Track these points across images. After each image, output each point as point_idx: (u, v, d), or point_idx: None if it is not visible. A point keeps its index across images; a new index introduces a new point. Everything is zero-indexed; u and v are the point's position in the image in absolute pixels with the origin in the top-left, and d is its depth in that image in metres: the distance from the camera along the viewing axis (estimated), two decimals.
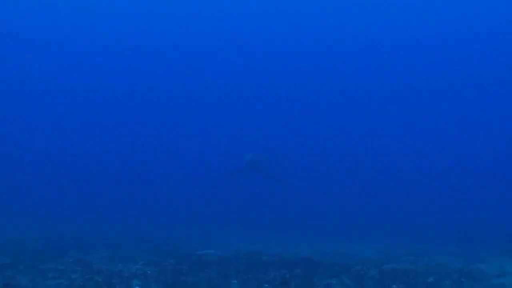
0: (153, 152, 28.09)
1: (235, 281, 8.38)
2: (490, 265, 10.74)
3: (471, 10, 29.72)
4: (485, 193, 21.14)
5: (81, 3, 31.60)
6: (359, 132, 29.10)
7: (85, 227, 15.25)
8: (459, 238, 14.85)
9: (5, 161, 25.33)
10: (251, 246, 13.10)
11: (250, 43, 32.38)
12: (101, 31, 32.87)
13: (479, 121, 29.89)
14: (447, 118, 30.33)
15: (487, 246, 13.33)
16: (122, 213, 18.23)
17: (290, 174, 24.09)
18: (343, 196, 21.38)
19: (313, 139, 25.74)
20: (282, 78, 32.42)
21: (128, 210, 18.72)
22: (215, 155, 28.06)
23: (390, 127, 29.62)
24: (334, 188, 22.67)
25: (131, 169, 25.13)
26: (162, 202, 20.47)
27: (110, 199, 20.18)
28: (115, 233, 14.32)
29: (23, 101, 30.99)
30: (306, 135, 28.31)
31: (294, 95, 31.74)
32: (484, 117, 29.92)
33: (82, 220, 16.83)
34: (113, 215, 17.94)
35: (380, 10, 30.59)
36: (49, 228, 14.93)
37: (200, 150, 28.12)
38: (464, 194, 21.41)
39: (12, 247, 11.35)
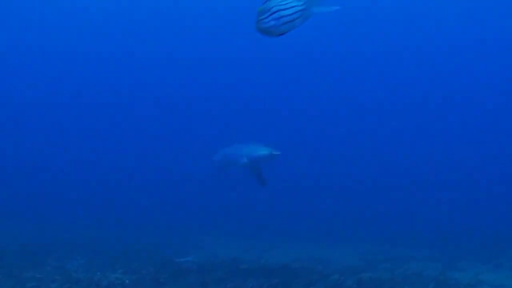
0: (130, 157, 28.01)
1: None
2: (466, 273, 10.89)
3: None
4: (462, 198, 21.31)
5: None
6: (337, 134, 29.28)
7: (65, 234, 15.18)
8: (436, 244, 14.94)
9: None
10: (229, 252, 13.13)
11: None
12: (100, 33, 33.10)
13: (455, 125, 30.29)
14: (425, 122, 30.67)
15: (464, 253, 13.43)
16: (101, 219, 18.15)
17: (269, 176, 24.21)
18: (321, 200, 21.44)
19: (290, 139, 25.65)
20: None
21: (107, 216, 18.62)
22: (191, 160, 28.22)
23: (369, 130, 29.87)
24: (313, 192, 22.74)
25: (109, 175, 25.00)
26: (140, 207, 20.39)
27: (90, 205, 20.08)
28: (94, 239, 14.28)
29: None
30: (286, 135, 28.39)
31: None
32: (463, 123, 30.31)
33: (61, 226, 16.74)
34: (93, 220, 17.86)
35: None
36: (29, 235, 14.86)
37: (177, 155, 28.13)
38: (441, 199, 21.57)
39: None
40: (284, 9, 4.42)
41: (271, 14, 4.39)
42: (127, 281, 9.01)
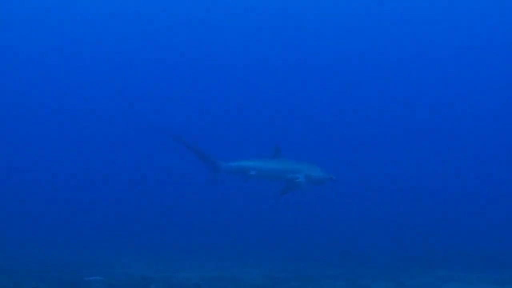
0: (39, 168, 27.28)
1: None
2: None
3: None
4: (366, 217, 21.93)
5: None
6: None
7: None
8: (342, 262, 15.31)
9: None
10: (139, 271, 13.04)
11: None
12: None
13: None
14: None
15: (368, 271, 13.84)
16: (11, 236, 17.56)
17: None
18: (229, 218, 21.58)
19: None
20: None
21: (15, 232, 18.02)
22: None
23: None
24: (223, 210, 22.85)
25: (17, 189, 24.19)
26: (50, 224, 19.85)
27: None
28: (4, 258, 13.83)
29: None
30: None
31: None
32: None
33: None
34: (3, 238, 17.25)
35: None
36: None
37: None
38: (346, 217, 22.01)
39: None
40: None
41: None
42: None
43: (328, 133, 30.15)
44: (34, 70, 33.46)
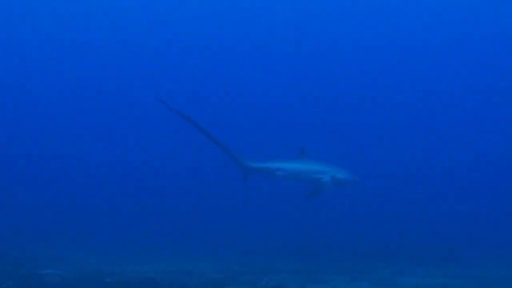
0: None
1: None
2: (325, 285, 11.38)
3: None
4: (326, 208, 21.94)
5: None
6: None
7: None
8: (298, 256, 15.41)
9: None
10: (93, 265, 12.93)
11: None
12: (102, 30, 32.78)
13: None
14: None
15: (324, 265, 13.96)
16: None
17: None
18: (186, 211, 21.54)
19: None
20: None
21: None
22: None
23: None
24: (179, 202, 22.79)
25: None
26: (5, 218, 19.48)
27: None
28: None
29: None
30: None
31: None
32: None
33: None
34: None
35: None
36: None
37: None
38: (303, 212, 22.03)
39: None
40: None
41: None
42: None
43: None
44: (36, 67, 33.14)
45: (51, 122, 31.46)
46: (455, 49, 33.01)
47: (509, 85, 31.87)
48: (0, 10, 32.15)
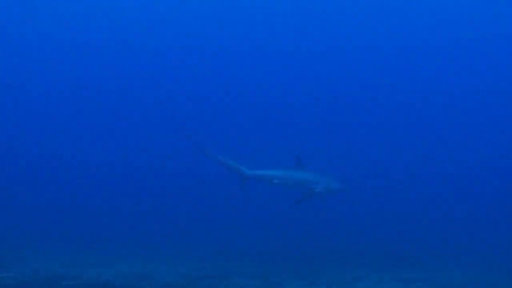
0: None
1: None
2: None
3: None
4: (284, 212, 21.70)
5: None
6: None
7: None
8: (256, 260, 15.31)
9: None
10: (51, 268, 12.86)
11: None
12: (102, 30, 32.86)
13: None
14: None
15: (285, 268, 13.94)
16: None
17: None
18: (146, 214, 21.51)
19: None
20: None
21: None
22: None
23: None
24: (139, 205, 22.78)
25: None
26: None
27: None
28: None
29: None
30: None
31: None
32: None
33: None
34: None
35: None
36: None
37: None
38: (264, 213, 21.89)
39: None
40: None
41: None
42: None
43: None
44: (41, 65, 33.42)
45: (51, 122, 31.55)
46: (455, 49, 32.95)
47: (509, 85, 31.30)
48: (0, 10, 32.30)
